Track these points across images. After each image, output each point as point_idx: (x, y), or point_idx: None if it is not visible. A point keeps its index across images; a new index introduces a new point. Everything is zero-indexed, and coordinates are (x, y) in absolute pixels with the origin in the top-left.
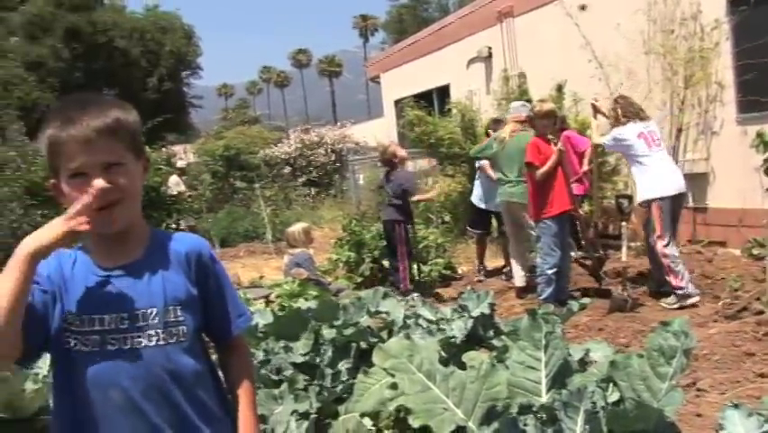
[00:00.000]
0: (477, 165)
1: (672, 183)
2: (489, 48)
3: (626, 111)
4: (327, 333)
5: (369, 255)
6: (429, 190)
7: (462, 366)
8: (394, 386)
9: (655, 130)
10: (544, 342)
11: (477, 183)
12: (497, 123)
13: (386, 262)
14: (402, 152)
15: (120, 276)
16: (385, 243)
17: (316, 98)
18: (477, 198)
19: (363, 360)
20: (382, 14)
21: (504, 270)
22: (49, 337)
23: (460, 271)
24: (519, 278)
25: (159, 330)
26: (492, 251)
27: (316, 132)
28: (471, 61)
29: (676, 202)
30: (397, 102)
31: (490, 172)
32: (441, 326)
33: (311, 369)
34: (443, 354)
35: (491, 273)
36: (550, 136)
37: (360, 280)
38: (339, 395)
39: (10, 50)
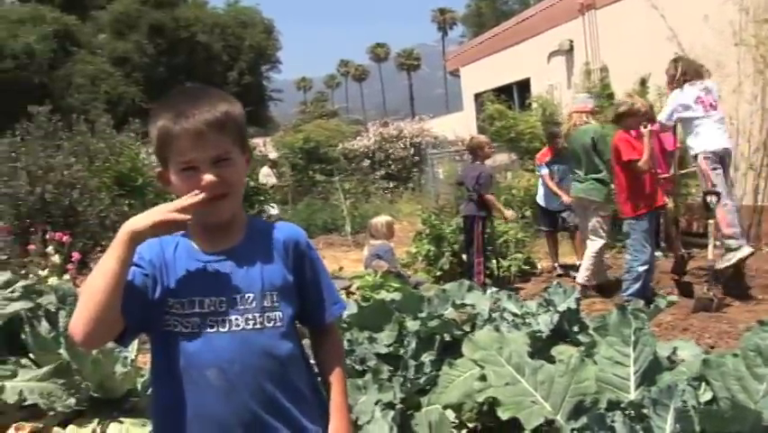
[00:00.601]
0: (537, 172)
1: (717, 140)
2: (571, 41)
3: (687, 69)
4: (411, 325)
5: (448, 249)
6: (505, 188)
7: (548, 360)
8: (483, 378)
9: (714, 90)
10: (633, 338)
11: (539, 183)
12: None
13: (465, 257)
14: (489, 147)
15: (220, 261)
16: (464, 237)
17: (394, 92)
18: (540, 197)
19: (447, 352)
20: (461, 8)
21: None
22: (147, 319)
23: (539, 267)
24: (582, 275)
25: (256, 314)
26: (569, 247)
27: (395, 125)
28: (552, 55)
29: (722, 159)
30: (476, 96)
31: (551, 185)
32: (526, 320)
33: (395, 360)
34: (529, 347)
35: (567, 270)
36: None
37: (439, 273)
38: (422, 387)
39: (98, 47)
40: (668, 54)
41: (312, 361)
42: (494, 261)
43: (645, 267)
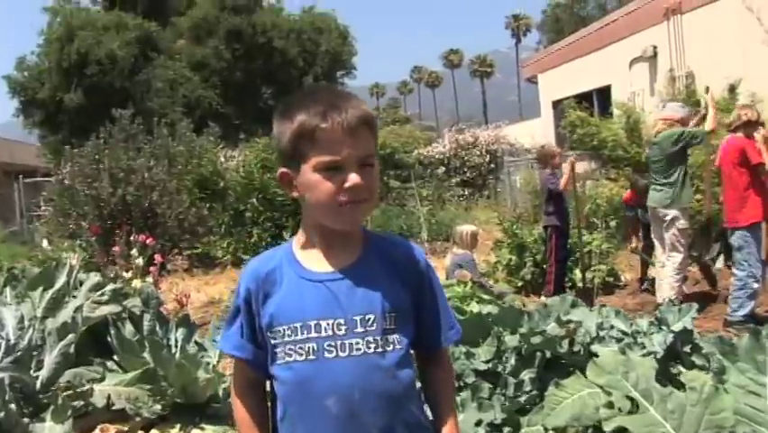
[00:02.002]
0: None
1: None
2: (655, 47)
3: None
4: (510, 340)
5: (530, 259)
6: (589, 198)
7: (661, 384)
8: (610, 405)
9: None
10: None
11: None
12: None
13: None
14: (560, 156)
15: (336, 280)
16: (544, 247)
17: (467, 99)
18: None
19: (548, 370)
20: (536, 14)
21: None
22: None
23: (623, 279)
24: (664, 289)
25: (377, 337)
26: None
27: (471, 132)
28: (635, 61)
29: None
30: (555, 103)
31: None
32: (638, 339)
33: (492, 377)
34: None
35: (654, 283)
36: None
37: (520, 283)
38: (522, 406)
39: (177, 52)
40: (762, 58)
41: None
42: (577, 272)
43: (759, 284)
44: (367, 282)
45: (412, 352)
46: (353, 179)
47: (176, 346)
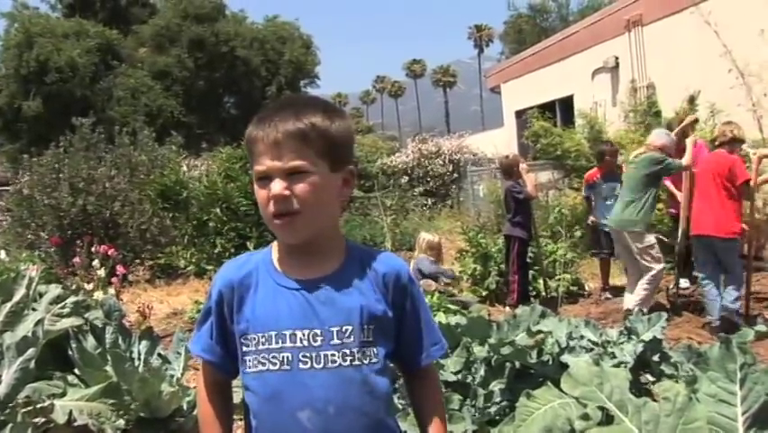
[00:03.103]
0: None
1: None
2: (617, 57)
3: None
4: (479, 351)
5: (494, 268)
6: (552, 207)
7: (635, 395)
8: (586, 417)
9: None
10: (739, 375)
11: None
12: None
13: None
14: (523, 164)
15: (314, 289)
16: (504, 256)
17: (430, 109)
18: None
19: (518, 381)
20: (498, 25)
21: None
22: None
23: (587, 288)
24: (633, 301)
25: (354, 349)
26: (617, 268)
27: (434, 141)
28: (597, 72)
29: None
30: (518, 113)
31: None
32: (608, 349)
33: (463, 388)
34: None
35: (616, 292)
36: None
37: (485, 293)
38: (492, 417)
39: (139, 60)
40: (721, 71)
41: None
42: (541, 281)
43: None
44: (346, 293)
45: (392, 365)
46: (273, 188)
47: (139, 359)
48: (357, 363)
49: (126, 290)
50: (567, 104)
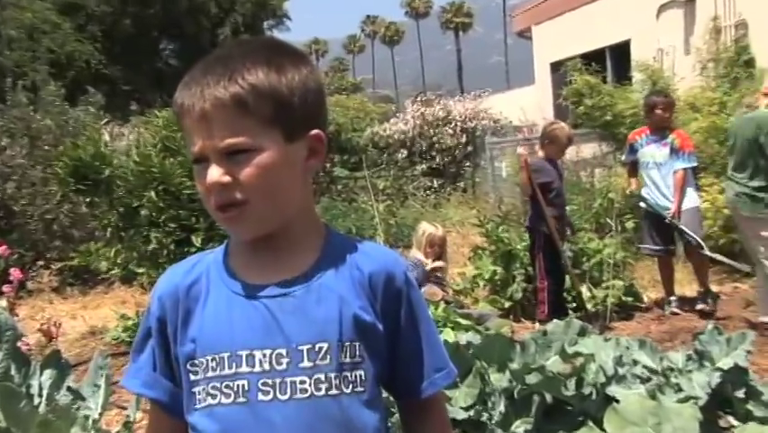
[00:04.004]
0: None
1: None
2: None
3: None
4: (497, 379)
5: (521, 271)
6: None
7: None
8: None
9: None
10: None
11: (645, 179)
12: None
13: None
14: (520, 148)
15: (278, 296)
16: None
17: (436, 60)
18: (647, 199)
19: (550, 418)
20: None
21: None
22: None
23: (645, 299)
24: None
25: (331, 374)
26: (685, 273)
27: (442, 104)
28: (664, 8)
29: None
30: (554, 65)
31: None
32: (671, 379)
33: (476, 428)
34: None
35: (685, 304)
36: None
37: (508, 304)
38: None
39: None
40: None
41: None
42: (583, 289)
43: None
44: (320, 298)
45: (384, 395)
46: (209, 176)
47: (40, 395)
48: (335, 391)
49: (24, 301)
50: (621, 52)
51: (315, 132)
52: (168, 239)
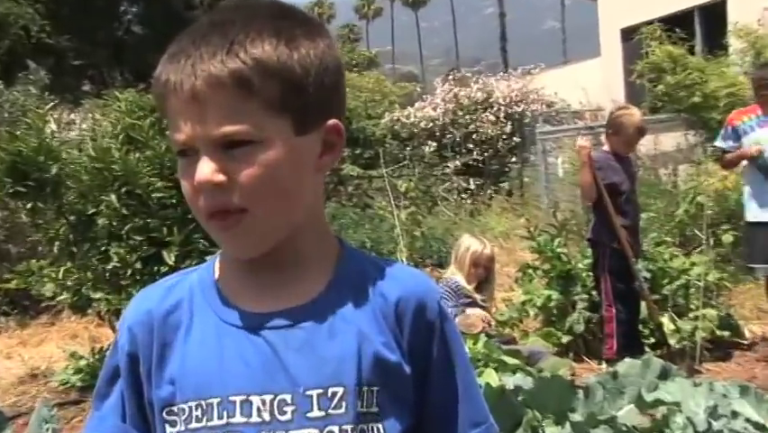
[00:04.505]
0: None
1: None
2: None
3: None
4: None
5: (583, 297)
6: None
7: None
8: None
9: None
10: None
11: (744, 176)
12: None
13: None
14: (582, 140)
15: (281, 328)
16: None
17: (474, 27)
18: (748, 202)
19: None
20: None
21: None
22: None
23: (747, 333)
24: None
25: (347, 427)
26: None
27: (480, 83)
28: None
29: None
30: (626, 32)
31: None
32: None
33: None
34: None
35: None
36: None
37: (566, 339)
38: None
39: None
40: None
41: None
42: (664, 320)
43: None
44: (334, 333)
45: None
46: (200, 171)
47: None
48: None
49: None
50: (714, 15)
51: (332, 122)
52: (132, 256)
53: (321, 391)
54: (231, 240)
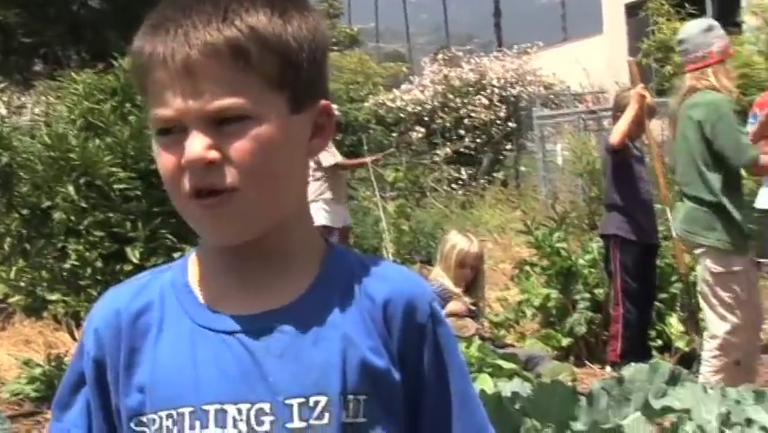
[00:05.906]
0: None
1: None
2: None
3: None
4: None
5: (585, 297)
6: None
7: None
8: None
9: None
10: None
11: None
12: None
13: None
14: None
15: (262, 333)
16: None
17: (463, 1)
18: (764, 196)
19: None
20: None
21: None
22: None
23: (762, 335)
24: None
25: None
26: None
27: (472, 63)
28: None
29: None
30: (631, 7)
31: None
32: None
33: None
34: None
35: None
36: None
37: (567, 342)
38: None
39: None
40: None
41: None
42: (672, 321)
43: None
44: (318, 338)
45: None
46: (189, 149)
47: None
48: None
49: None
50: None
51: (323, 102)
52: (92, 253)
53: (302, 400)
54: (216, 222)
